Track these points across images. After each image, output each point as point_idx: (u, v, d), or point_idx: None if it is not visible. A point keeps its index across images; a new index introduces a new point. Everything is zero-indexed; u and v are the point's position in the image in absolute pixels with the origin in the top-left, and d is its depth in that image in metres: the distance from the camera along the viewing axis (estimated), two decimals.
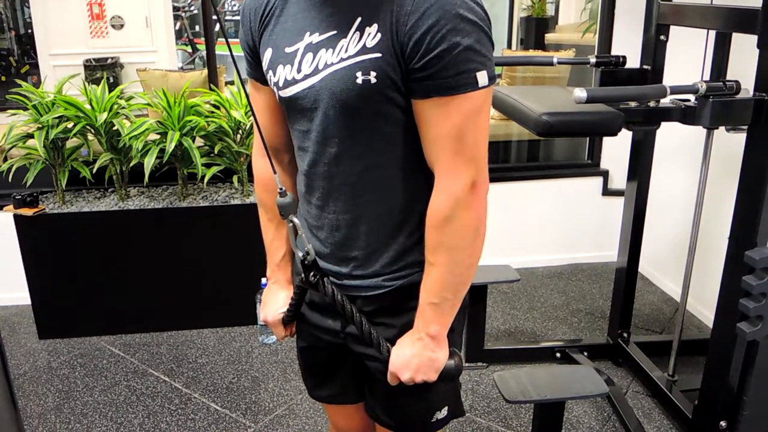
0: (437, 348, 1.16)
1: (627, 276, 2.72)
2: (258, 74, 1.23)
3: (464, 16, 1.00)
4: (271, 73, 1.16)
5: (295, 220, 1.13)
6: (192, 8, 7.34)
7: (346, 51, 1.05)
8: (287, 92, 1.14)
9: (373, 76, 1.04)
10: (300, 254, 1.17)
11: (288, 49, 1.12)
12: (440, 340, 1.16)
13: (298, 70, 1.11)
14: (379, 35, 1.03)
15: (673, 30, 2.37)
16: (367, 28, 1.04)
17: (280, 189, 1.10)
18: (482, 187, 1.09)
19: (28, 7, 6.00)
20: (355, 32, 1.05)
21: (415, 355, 1.15)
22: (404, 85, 1.05)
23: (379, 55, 1.03)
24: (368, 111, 1.07)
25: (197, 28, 7.47)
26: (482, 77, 1.02)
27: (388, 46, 1.02)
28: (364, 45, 1.04)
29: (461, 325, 1.32)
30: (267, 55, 1.16)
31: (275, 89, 1.17)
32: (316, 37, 1.09)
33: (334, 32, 1.07)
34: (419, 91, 1.04)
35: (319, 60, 1.08)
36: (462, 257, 1.12)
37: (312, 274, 1.19)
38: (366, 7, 1.04)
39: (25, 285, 2.99)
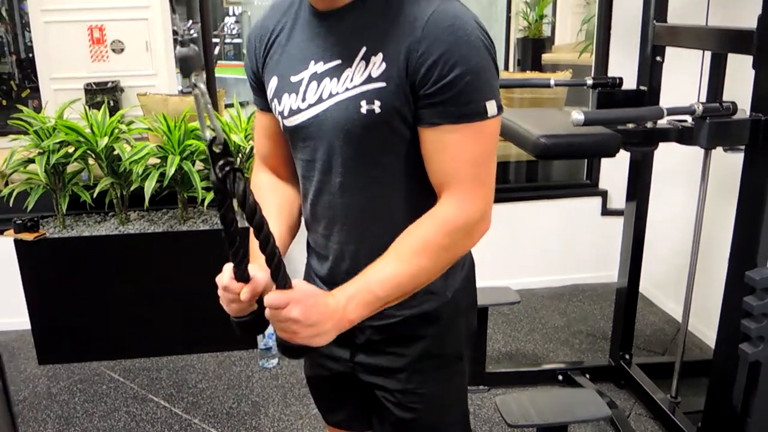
0: (336, 328, 1.02)
1: (628, 296, 2.72)
2: (262, 101, 1.23)
3: (477, 44, 1.00)
4: (276, 101, 1.16)
5: (201, 86, 0.87)
6: (191, 32, 7.39)
7: (352, 81, 1.05)
8: (292, 121, 1.13)
9: (377, 106, 1.03)
10: (207, 136, 0.90)
11: (293, 78, 1.12)
12: (344, 326, 1.03)
13: (303, 99, 1.10)
14: (384, 65, 1.03)
15: (670, 50, 2.39)
16: (373, 58, 1.03)
17: (181, 37, 0.88)
18: (487, 223, 1.09)
19: (29, 32, 6.05)
20: (360, 62, 1.04)
21: (322, 315, 0.99)
22: (410, 115, 1.05)
23: (383, 84, 1.03)
24: (372, 141, 1.06)
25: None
26: (491, 106, 1.02)
27: (395, 74, 1.02)
28: (370, 75, 1.04)
29: (470, 351, 1.31)
30: (272, 84, 1.16)
31: (280, 118, 1.17)
32: (320, 66, 1.09)
33: (339, 62, 1.07)
34: (429, 118, 1.03)
35: (323, 89, 1.08)
36: (431, 273, 1.09)
37: (220, 166, 0.90)
38: (371, 36, 1.04)
39: (25, 310, 2.98)
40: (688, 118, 2.00)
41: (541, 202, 3.66)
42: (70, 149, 2.88)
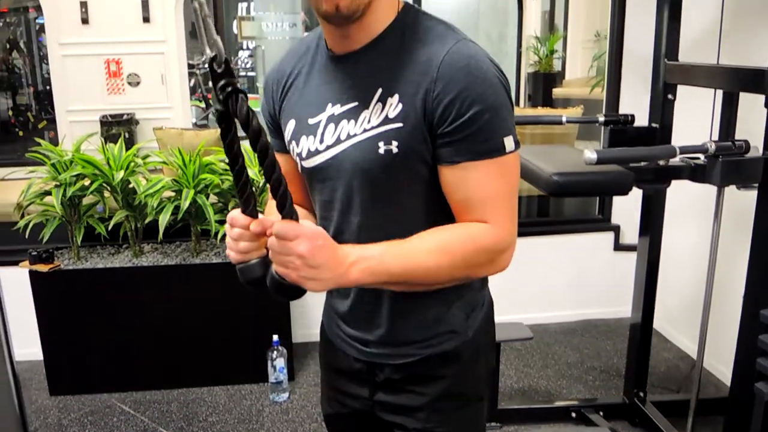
0: (334, 280, 0.99)
1: (641, 332, 2.69)
2: (279, 143, 1.25)
3: (493, 82, 1.02)
4: (294, 143, 1.18)
5: None
6: (206, 66, 7.51)
7: (369, 122, 1.07)
8: (310, 163, 1.15)
9: (394, 146, 1.05)
10: (207, 53, 0.86)
11: (311, 121, 1.14)
12: (342, 284, 1.01)
13: (321, 141, 1.12)
14: (400, 105, 1.05)
15: (682, 86, 2.40)
16: (389, 99, 1.06)
17: None
18: (510, 256, 1.10)
19: (47, 64, 6.16)
20: (377, 103, 1.07)
21: (327, 260, 0.96)
22: (428, 154, 1.06)
23: (400, 125, 1.05)
24: (390, 181, 1.08)
25: (210, 83, 7.64)
26: (509, 142, 1.04)
27: (412, 115, 1.04)
28: (386, 116, 1.06)
29: (489, 390, 1.31)
30: (290, 126, 1.18)
31: (298, 160, 1.18)
32: (337, 109, 1.11)
33: (356, 104, 1.09)
34: (449, 156, 1.05)
35: (341, 131, 1.10)
36: (442, 277, 1.08)
37: (221, 86, 0.86)
38: (386, 77, 1.07)
39: (38, 340, 2.99)
40: (701, 156, 2.01)
41: (554, 237, 3.66)
42: (87, 182, 2.91)
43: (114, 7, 5.00)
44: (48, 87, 6.37)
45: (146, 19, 5.06)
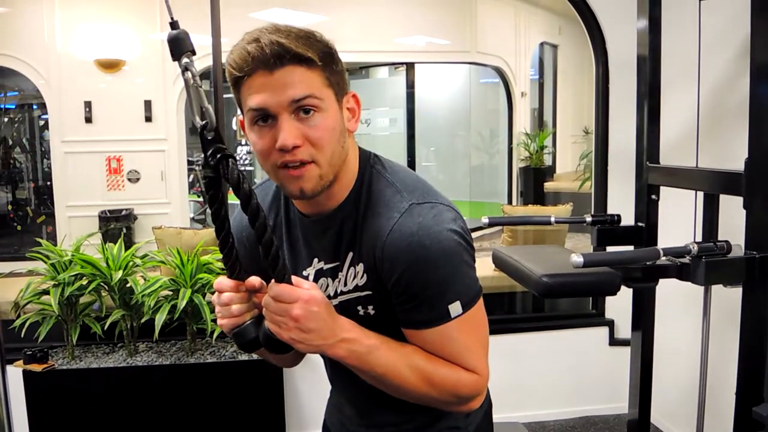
0: (319, 348, 1.01)
1: (639, 429, 2.67)
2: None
3: (437, 255, 1.02)
4: None
5: (192, 69, 0.88)
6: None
7: (345, 285, 1.12)
8: None
9: (371, 309, 1.11)
10: (198, 122, 0.90)
11: (305, 272, 1.18)
12: (325, 352, 1.03)
13: None
14: (365, 276, 1.09)
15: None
16: (357, 267, 1.10)
17: (171, 20, 0.89)
18: (481, 399, 1.14)
19: (48, 159, 6.28)
20: (349, 267, 1.11)
21: (319, 328, 0.98)
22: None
23: (370, 292, 1.10)
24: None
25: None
26: (455, 308, 1.05)
27: (376, 283, 1.08)
28: (357, 283, 1.11)
29: None
30: None
31: None
32: (323, 264, 1.15)
33: (337, 263, 1.13)
34: (403, 323, 1.09)
35: (329, 287, 1.15)
36: (412, 397, 1.10)
37: (212, 152, 0.90)
38: (353, 244, 1.11)
39: None
40: (686, 255, 2.06)
41: (549, 333, 3.66)
42: (84, 281, 2.94)
43: (117, 107, 5.18)
44: (48, 182, 6.47)
45: (148, 119, 5.23)
